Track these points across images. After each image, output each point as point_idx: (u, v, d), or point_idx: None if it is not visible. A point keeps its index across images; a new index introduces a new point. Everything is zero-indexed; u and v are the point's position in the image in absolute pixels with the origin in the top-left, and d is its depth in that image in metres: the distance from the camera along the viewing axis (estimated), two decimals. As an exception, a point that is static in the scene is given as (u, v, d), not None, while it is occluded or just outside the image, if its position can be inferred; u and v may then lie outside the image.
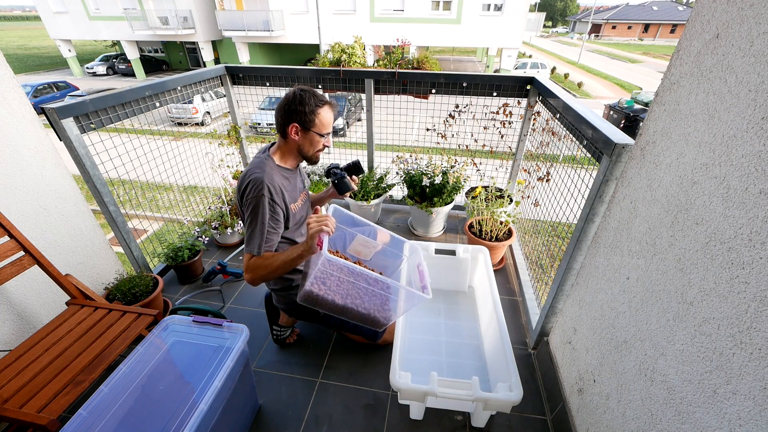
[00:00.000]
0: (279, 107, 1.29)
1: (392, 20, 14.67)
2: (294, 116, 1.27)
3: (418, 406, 1.34)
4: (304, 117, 1.26)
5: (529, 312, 1.81)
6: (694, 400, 0.73)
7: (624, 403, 0.97)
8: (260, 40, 16.29)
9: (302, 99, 1.26)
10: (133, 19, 16.73)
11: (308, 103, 1.25)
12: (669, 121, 0.87)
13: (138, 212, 2.42)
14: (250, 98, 2.66)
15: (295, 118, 1.27)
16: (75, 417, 0.94)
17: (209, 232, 2.32)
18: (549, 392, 1.46)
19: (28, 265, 1.39)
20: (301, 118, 1.27)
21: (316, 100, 1.27)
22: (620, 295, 1.02)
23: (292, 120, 1.27)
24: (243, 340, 1.17)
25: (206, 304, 1.97)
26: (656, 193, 0.90)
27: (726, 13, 0.72)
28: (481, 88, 2.25)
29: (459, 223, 2.69)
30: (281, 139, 1.35)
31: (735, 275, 0.66)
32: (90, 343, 1.32)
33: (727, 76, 0.71)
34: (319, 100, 1.28)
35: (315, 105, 1.26)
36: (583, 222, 1.25)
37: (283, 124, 1.29)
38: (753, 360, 0.61)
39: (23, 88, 3.52)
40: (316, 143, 1.33)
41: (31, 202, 1.52)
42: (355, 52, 2.47)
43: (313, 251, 1.17)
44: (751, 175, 0.64)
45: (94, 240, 1.82)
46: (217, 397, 1.02)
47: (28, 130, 1.50)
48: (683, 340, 0.77)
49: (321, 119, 1.29)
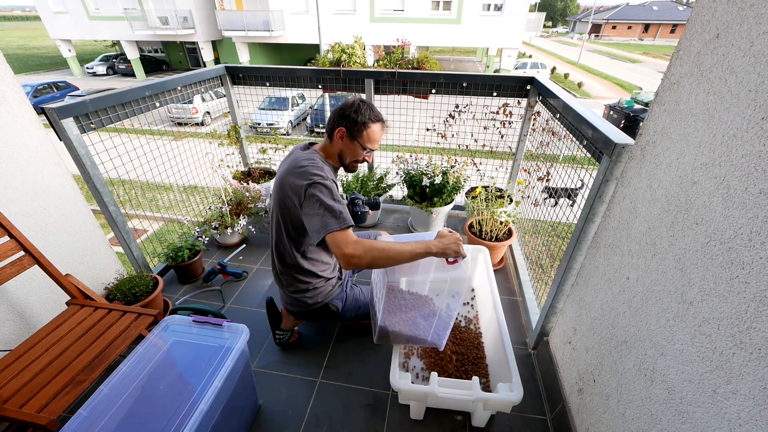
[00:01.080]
0: (335, 109, 1.32)
1: (392, 20, 14.67)
2: (345, 121, 1.28)
3: (419, 406, 1.34)
4: (354, 125, 1.28)
5: (529, 312, 1.81)
6: (694, 400, 0.73)
7: (624, 403, 0.97)
8: (260, 40, 16.29)
9: (358, 108, 1.28)
10: (133, 19, 16.74)
11: (363, 113, 1.28)
12: (669, 121, 0.87)
13: (138, 212, 2.43)
14: (250, 98, 2.66)
15: (345, 123, 1.28)
16: (75, 417, 0.94)
17: (209, 232, 2.32)
18: (549, 392, 1.46)
19: (28, 265, 1.39)
20: (350, 125, 1.28)
21: (371, 114, 1.29)
22: (620, 295, 1.02)
23: (341, 124, 1.29)
24: (243, 340, 1.17)
25: (206, 304, 1.97)
26: (656, 193, 0.90)
27: (726, 13, 0.72)
28: (481, 88, 2.25)
29: (459, 223, 2.69)
30: (327, 140, 1.36)
31: (735, 275, 0.66)
32: (90, 343, 1.32)
33: (727, 76, 0.71)
34: (374, 115, 1.30)
35: (368, 118, 1.28)
36: (583, 222, 1.25)
37: (333, 126, 1.31)
38: (753, 360, 0.61)
39: (23, 88, 3.52)
40: (357, 154, 1.34)
41: (31, 202, 1.52)
42: (355, 52, 2.47)
43: (439, 257, 1.19)
44: (751, 175, 0.64)
45: (94, 240, 1.82)
46: (217, 397, 1.02)
47: (28, 130, 1.50)
48: (683, 340, 0.77)
49: (369, 133, 1.30)
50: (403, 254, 1.14)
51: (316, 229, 1.16)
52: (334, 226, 1.13)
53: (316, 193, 1.17)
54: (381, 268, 1.19)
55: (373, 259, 1.11)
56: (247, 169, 2.87)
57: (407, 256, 1.14)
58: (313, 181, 1.19)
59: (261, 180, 2.74)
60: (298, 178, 1.22)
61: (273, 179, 2.75)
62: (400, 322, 1.33)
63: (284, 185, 1.27)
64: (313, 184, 1.18)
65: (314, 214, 1.17)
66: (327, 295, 1.49)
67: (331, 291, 1.50)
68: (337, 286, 1.53)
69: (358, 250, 1.10)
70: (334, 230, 1.13)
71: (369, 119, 1.28)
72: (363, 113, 1.28)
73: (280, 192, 1.30)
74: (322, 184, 1.18)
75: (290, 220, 1.31)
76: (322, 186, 1.18)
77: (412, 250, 1.15)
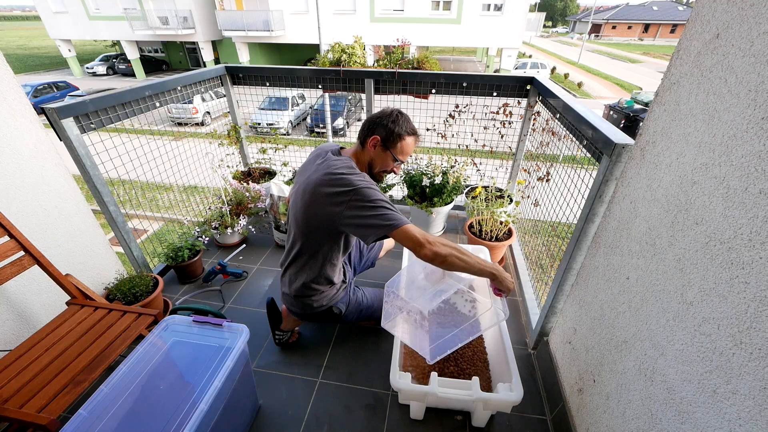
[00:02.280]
0: (371, 117, 1.32)
1: (392, 20, 14.67)
2: (380, 130, 1.28)
3: (419, 407, 1.34)
4: (390, 135, 1.27)
5: (529, 312, 1.81)
6: (694, 400, 0.73)
7: (624, 403, 0.97)
8: (260, 40, 16.30)
9: (396, 119, 1.28)
10: (133, 19, 16.74)
11: (400, 125, 1.27)
12: (669, 121, 0.87)
13: (138, 212, 2.43)
14: (250, 98, 2.66)
15: (381, 132, 1.28)
16: (75, 417, 0.94)
17: (209, 232, 2.32)
18: (549, 392, 1.46)
19: (28, 265, 1.39)
20: (386, 135, 1.28)
21: (407, 126, 1.29)
22: (620, 295, 1.02)
23: (376, 132, 1.28)
24: (243, 340, 1.17)
25: (206, 304, 1.97)
26: (656, 193, 0.90)
27: (726, 13, 0.72)
28: (481, 88, 2.25)
29: (459, 223, 2.69)
30: (359, 146, 1.35)
31: (735, 275, 0.66)
32: (90, 343, 1.32)
33: (727, 76, 0.71)
34: (410, 127, 1.30)
35: (405, 130, 1.28)
36: (583, 222, 1.25)
37: (367, 133, 1.30)
38: (753, 360, 0.62)
39: (23, 88, 3.52)
40: (387, 164, 1.33)
41: (31, 202, 1.52)
42: (355, 52, 2.47)
43: (496, 284, 1.21)
44: (751, 175, 0.64)
45: (94, 240, 1.82)
46: (217, 397, 1.02)
47: (28, 130, 1.50)
48: (683, 340, 0.77)
49: (404, 145, 1.30)
50: (473, 265, 1.16)
51: (378, 226, 1.14)
52: (402, 221, 1.14)
53: (368, 195, 1.16)
54: (450, 269, 1.17)
55: (448, 255, 1.12)
56: (247, 169, 2.87)
57: (475, 268, 1.16)
58: (358, 186, 1.16)
59: (261, 180, 2.74)
60: (339, 185, 1.18)
61: (273, 179, 2.76)
62: None
63: (317, 192, 1.21)
64: (358, 189, 1.16)
65: (369, 216, 1.15)
66: (332, 298, 1.48)
67: (336, 294, 1.49)
68: (342, 290, 1.53)
69: (437, 242, 1.12)
70: (403, 224, 1.13)
71: (405, 131, 1.28)
72: (400, 124, 1.28)
73: (310, 197, 1.24)
74: (369, 187, 1.17)
75: (321, 227, 1.26)
76: (371, 189, 1.17)
77: (481, 265, 1.17)
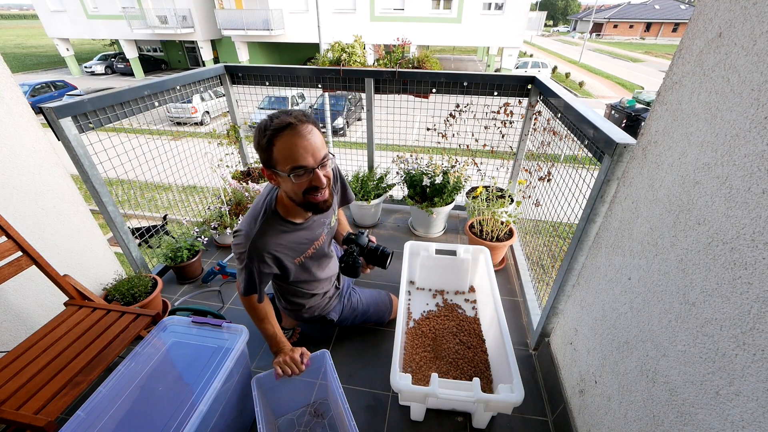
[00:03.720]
0: None
1: (392, 19, 14.66)
2: (260, 156, 0.99)
3: (419, 408, 1.34)
4: (263, 154, 0.98)
5: (530, 312, 1.81)
6: (697, 401, 0.73)
7: (626, 404, 0.97)
8: (260, 39, 16.28)
9: (261, 128, 0.96)
10: (131, 18, 16.71)
11: (264, 131, 0.95)
12: (671, 120, 0.87)
13: (137, 212, 2.42)
14: (249, 98, 2.66)
15: (261, 157, 0.99)
16: (73, 418, 0.94)
17: (208, 233, 2.32)
18: (550, 393, 1.45)
19: (26, 266, 1.38)
20: (264, 157, 0.98)
21: (270, 126, 0.94)
22: (622, 296, 1.02)
23: (262, 162, 1.00)
24: (242, 340, 1.16)
25: (205, 304, 1.96)
26: (658, 193, 0.89)
27: (729, 11, 0.71)
28: (481, 87, 2.25)
29: (460, 223, 2.68)
30: None
31: (738, 276, 0.65)
32: (88, 343, 1.31)
33: (730, 75, 0.70)
34: (274, 127, 0.94)
35: (271, 134, 0.94)
36: (585, 222, 1.24)
37: None
38: (756, 361, 0.61)
39: (21, 87, 3.50)
40: (293, 188, 1.01)
41: (28, 202, 1.51)
42: (355, 51, 2.46)
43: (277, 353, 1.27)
44: (753, 175, 0.63)
45: (92, 240, 1.81)
46: (216, 399, 1.01)
47: (26, 129, 1.50)
48: (685, 341, 0.77)
49: (279, 150, 0.95)
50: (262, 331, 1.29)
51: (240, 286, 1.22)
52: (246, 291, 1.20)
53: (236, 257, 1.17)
54: None
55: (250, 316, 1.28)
56: (246, 169, 2.86)
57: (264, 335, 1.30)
58: (233, 245, 1.17)
59: (260, 180, 2.73)
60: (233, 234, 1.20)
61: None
62: None
63: None
64: (232, 248, 1.18)
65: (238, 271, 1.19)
66: (324, 308, 1.47)
67: (327, 304, 1.48)
68: (335, 298, 1.50)
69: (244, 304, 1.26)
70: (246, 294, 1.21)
71: (271, 135, 0.94)
72: (264, 131, 0.95)
73: None
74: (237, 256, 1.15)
75: None
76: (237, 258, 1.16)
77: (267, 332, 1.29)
